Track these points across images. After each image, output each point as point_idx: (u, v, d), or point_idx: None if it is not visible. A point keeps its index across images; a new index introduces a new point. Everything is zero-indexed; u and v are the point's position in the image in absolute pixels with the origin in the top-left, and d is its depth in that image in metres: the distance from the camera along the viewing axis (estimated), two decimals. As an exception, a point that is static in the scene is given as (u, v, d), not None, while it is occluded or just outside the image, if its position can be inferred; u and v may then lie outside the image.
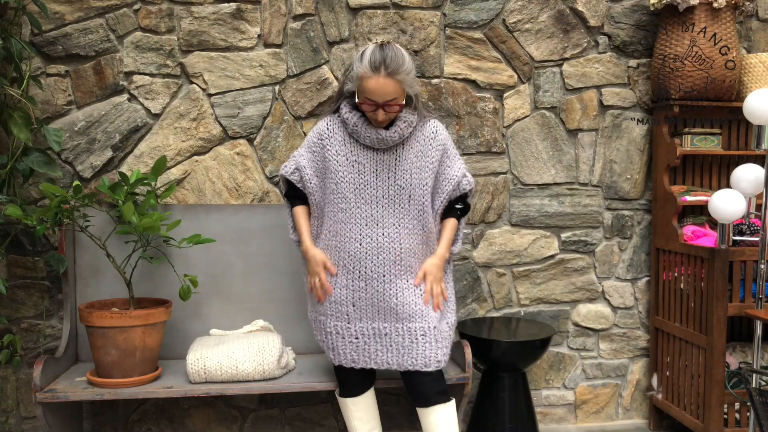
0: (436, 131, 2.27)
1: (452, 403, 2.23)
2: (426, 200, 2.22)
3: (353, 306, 2.20)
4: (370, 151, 2.21)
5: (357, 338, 2.20)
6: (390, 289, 2.17)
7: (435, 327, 2.19)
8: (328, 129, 2.27)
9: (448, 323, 2.26)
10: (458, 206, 2.36)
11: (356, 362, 2.22)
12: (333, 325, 2.23)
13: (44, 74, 2.70)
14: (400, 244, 2.18)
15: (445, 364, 2.21)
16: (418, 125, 2.26)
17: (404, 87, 2.14)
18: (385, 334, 2.19)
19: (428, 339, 2.17)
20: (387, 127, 2.20)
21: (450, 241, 2.32)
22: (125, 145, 2.77)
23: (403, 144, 2.23)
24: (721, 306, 2.61)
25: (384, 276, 2.17)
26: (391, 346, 2.19)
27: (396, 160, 2.21)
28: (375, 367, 2.23)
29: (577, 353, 3.14)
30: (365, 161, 2.21)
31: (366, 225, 2.18)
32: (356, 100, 2.16)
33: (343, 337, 2.21)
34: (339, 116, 2.27)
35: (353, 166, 2.20)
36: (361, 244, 2.18)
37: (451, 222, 2.33)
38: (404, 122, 2.20)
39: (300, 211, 2.34)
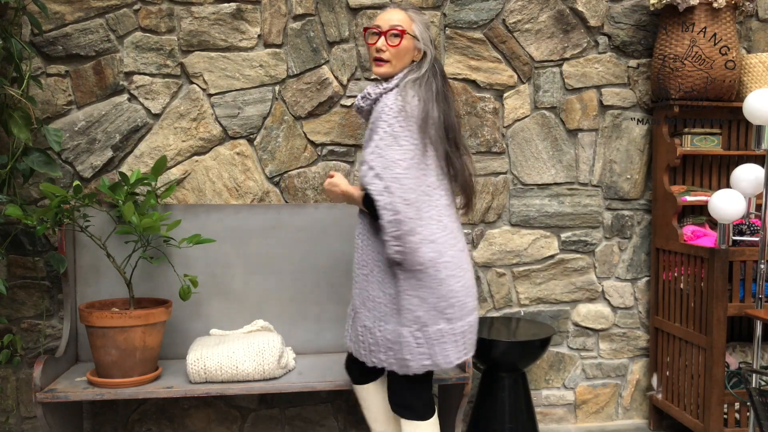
0: (381, 103, 2.00)
1: (415, 423, 2.06)
2: None
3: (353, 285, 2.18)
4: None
5: (348, 317, 2.21)
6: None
7: (363, 326, 2.07)
8: None
9: (380, 330, 2.03)
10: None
11: (347, 344, 2.21)
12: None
13: (44, 74, 2.70)
14: (361, 242, 2.10)
15: (384, 366, 2.03)
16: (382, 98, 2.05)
17: (413, 27, 2.04)
18: (352, 317, 2.16)
19: (362, 337, 2.08)
20: None
21: (351, 193, 2.05)
22: (125, 145, 2.77)
23: (356, 110, 2.17)
24: (721, 306, 2.61)
25: (354, 271, 2.16)
26: (354, 330, 2.14)
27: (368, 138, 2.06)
28: (347, 347, 2.18)
29: (577, 353, 3.14)
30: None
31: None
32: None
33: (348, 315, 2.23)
34: None
35: None
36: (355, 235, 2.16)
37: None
38: (365, 92, 2.08)
39: None
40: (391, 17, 2.05)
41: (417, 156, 1.93)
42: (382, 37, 2.04)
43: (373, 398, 2.29)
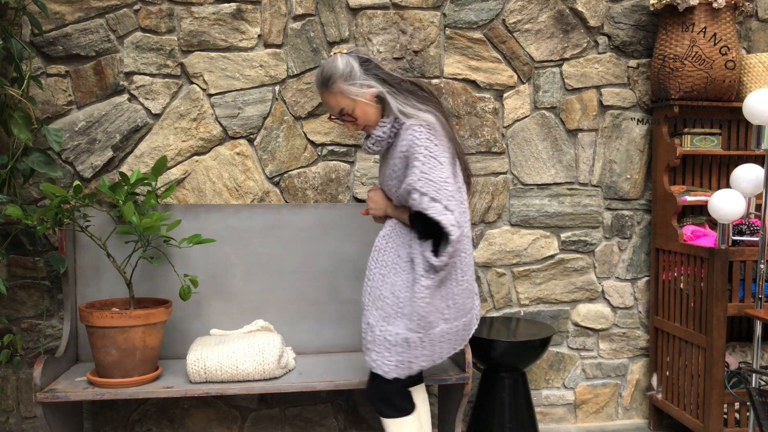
0: (404, 137, 2.03)
1: (399, 420, 2.13)
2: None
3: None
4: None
5: None
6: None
7: (368, 323, 2.10)
8: None
9: (381, 329, 2.06)
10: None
11: None
12: None
13: (44, 74, 2.70)
14: (384, 243, 2.15)
15: (379, 371, 2.05)
16: (401, 129, 2.08)
17: (349, 97, 2.07)
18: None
19: (365, 334, 2.10)
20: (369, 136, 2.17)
21: (397, 211, 2.16)
22: (125, 145, 2.77)
23: (389, 148, 2.15)
24: (721, 306, 2.61)
25: (369, 269, 2.18)
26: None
27: (385, 164, 2.17)
28: None
29: (577, 353, 3.14)
30: (378, 161, 2.28)
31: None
32: None
33: None
34: None
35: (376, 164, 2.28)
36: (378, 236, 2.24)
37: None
38: (374, 137, 2.12)
39: None
40: (328, 105, 2.14)
41: (452, 168, 2.04)
42: (340, 121, 2.14)
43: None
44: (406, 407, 2.14)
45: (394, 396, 2.12)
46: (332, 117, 2.18)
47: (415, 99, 2.09)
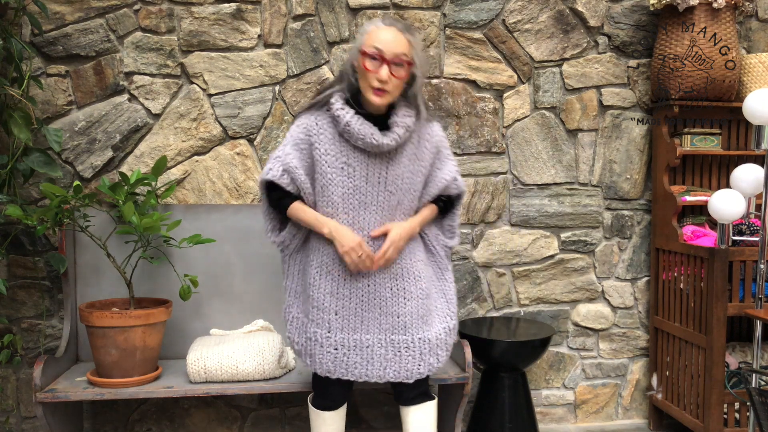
0: (432, 132, 2.15)
1: (431, 403, 2.21)
2: (414, 205, 2.15)
3: (336, 314, 2.07)
4: (361, 152, 2.03)
5: (336, 349, 2.07)
6: (374, 299, 2.08)
7: (420, 338, 2.09)
8: (317, 125, 2.06)
9: (445, 328, 2.17)
10: (442, 198, 2.22)
11: (332, 372, 2.09)
12: (313, 331, 2.10)
13: (44, 74, 2.70)
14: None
15: (434, 371, 2.15)
16: (416, 127, 2.10)
17: (413, 56, 1.99)
18: (367, 347, 2.08)
19: (411, 352, 2.08)
20: (383, 130, 2.02)
21: (424, 219, 2.17)
22: (125, 145, 2.77)
23: (402, 144, 2.07)
24: (721, 306, 2.61)
25: (369, 285, 2.08)
26: (372, 358, 2.08)
27: (388, 164, 2.04)
28: (352, 379, 2.10)
29: (577, 353, 3.14)
30: (355, 164, 2.03)
31: (352, 231, 2.06)
32: (357, 63, 1.99)
33: (322, 346, 2.08)
34: (328, 112, 2.06)
35: (342, 168, 2.03)
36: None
37: (429, 206, 2.20)
38: (401, 127, 2.03)
39: (300, 204, 2.10)
40: (396, 41, 1.96)
41: None
42: (385, 66, 1.95)
43: (343, 416, 2.28)
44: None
45: (429, 383, 2.26)
46: (372, 55, 1.95)
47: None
